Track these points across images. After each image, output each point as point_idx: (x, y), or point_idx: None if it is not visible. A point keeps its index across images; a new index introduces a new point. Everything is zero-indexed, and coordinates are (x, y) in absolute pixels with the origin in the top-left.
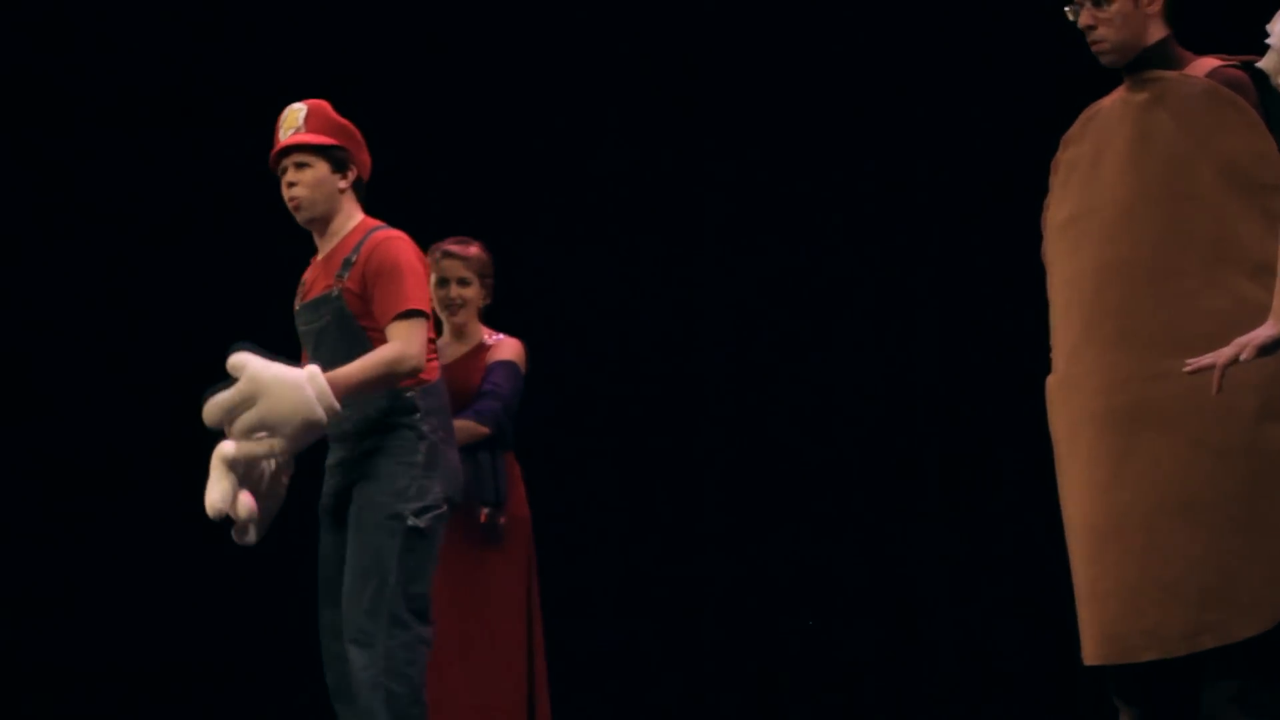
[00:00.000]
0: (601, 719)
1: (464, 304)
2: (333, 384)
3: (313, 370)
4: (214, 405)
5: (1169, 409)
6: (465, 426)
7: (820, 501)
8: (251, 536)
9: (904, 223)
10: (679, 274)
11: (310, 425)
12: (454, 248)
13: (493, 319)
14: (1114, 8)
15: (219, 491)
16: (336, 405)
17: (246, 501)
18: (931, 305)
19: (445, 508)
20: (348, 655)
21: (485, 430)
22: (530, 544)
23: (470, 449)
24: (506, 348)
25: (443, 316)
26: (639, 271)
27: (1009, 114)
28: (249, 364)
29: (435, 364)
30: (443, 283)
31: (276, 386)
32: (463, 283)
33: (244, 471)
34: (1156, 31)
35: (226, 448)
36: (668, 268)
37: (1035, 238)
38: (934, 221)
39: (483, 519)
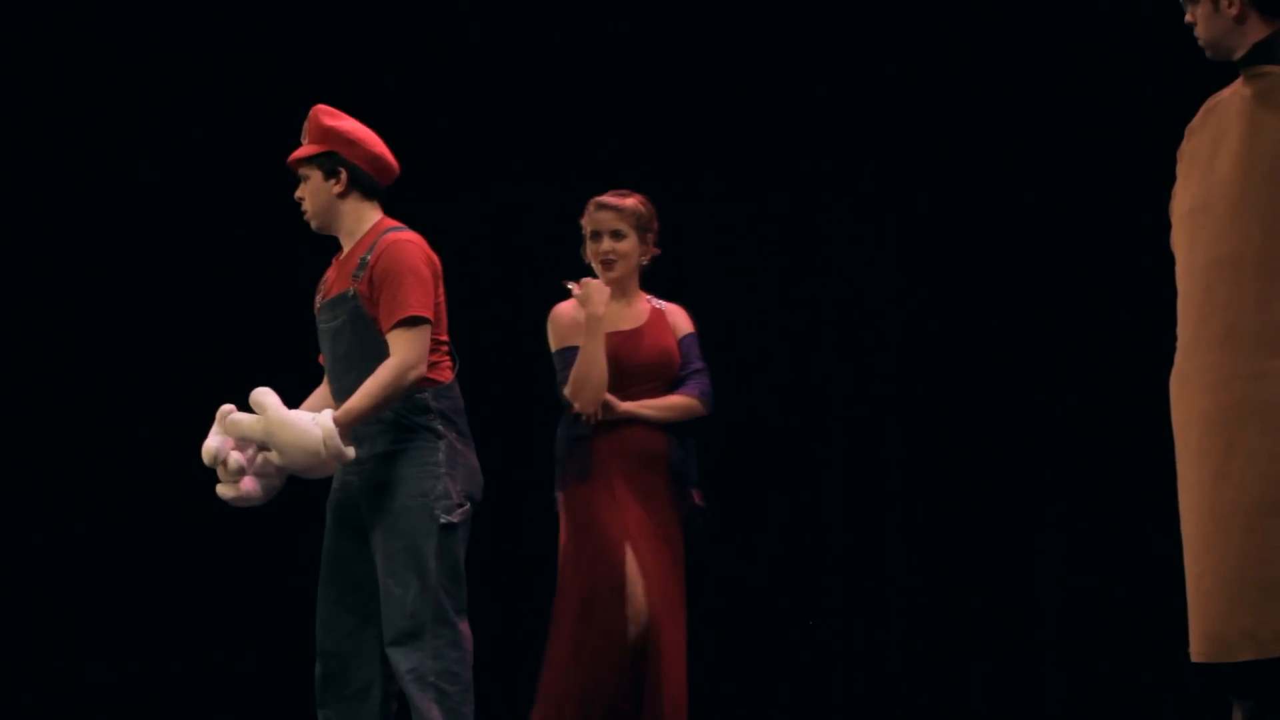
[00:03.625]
0: None
1: (619, 258)
2: (343, 424)
3: (325, 420)
4: (234, 425)
5: (1271, 409)
6: (687, 404)
7: (940, 493)
8: (235, 493)
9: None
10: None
11: (317, 473)
12: (608, 198)
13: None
14: (1198, 9)
15: (216, 440)
16: (347, 454)
17: (237, 457)
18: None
19: (469, 505)
20: (391, 659)
21: (704, 411)
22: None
23: (677, 431)
24: (686, 317)
25: (598, 273)
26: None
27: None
28: (269, 406)
29: (448, 364)
30: (595, 236)
31: (289, 435)
32: (616, 235)
33: (237, 440)
34: (1256, 29)
35: (227, 409)
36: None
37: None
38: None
39: (697, 500)
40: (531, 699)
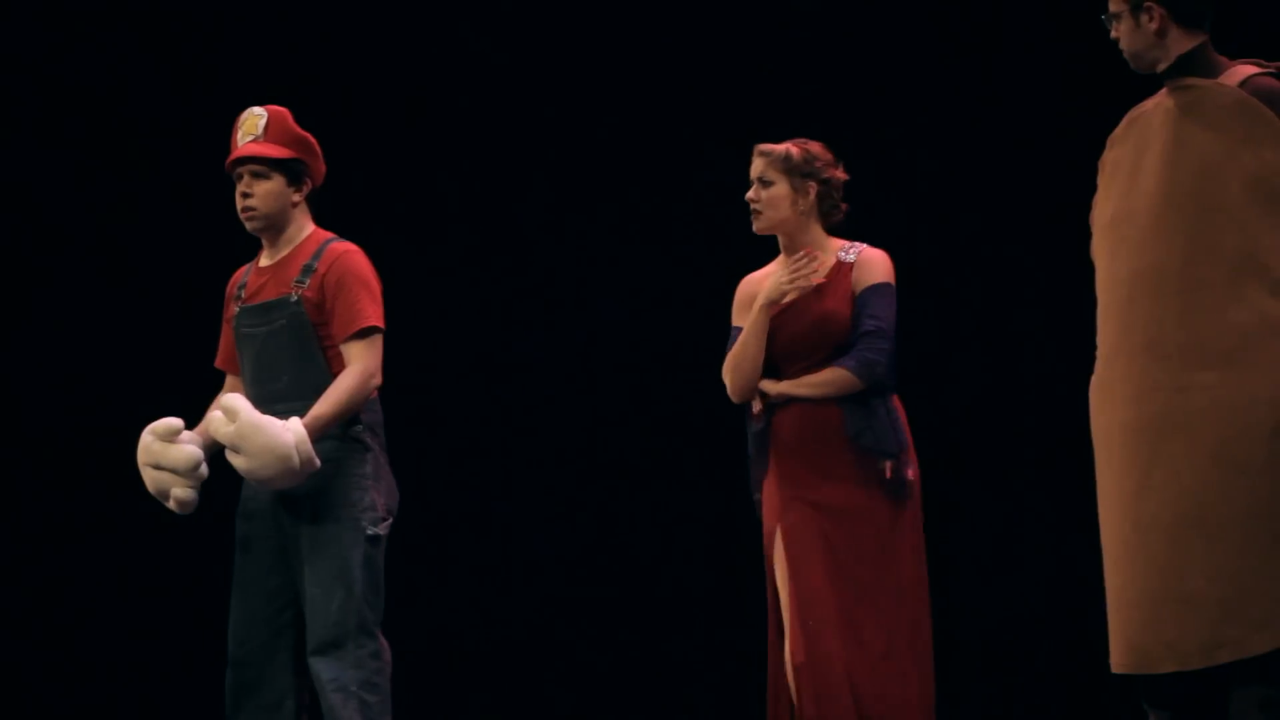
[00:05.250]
0: None
1: (763, 208)
2: (312, 432)
3: (297, 427)
4: (209, 422)
5: (1192, 422)
6: (838, 378)
7: None
8: (192, 497)
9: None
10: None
11: (283, 481)
12: (763, 145)
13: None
14: (1121, 25)
15: (197, 449)
16: (316, 462)
17: (204, 465)
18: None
19: (390, 519)
20: (312, 668)
21: (860, 384)
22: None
23: (859, 397)
24: (875, 265)
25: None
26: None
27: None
28: (241, 410)
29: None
30: (750, 185)
31: (262, 439)
32: (764, 183)
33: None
34: (1179, 43)
35: (177, 424)
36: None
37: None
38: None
39: (888, 474)
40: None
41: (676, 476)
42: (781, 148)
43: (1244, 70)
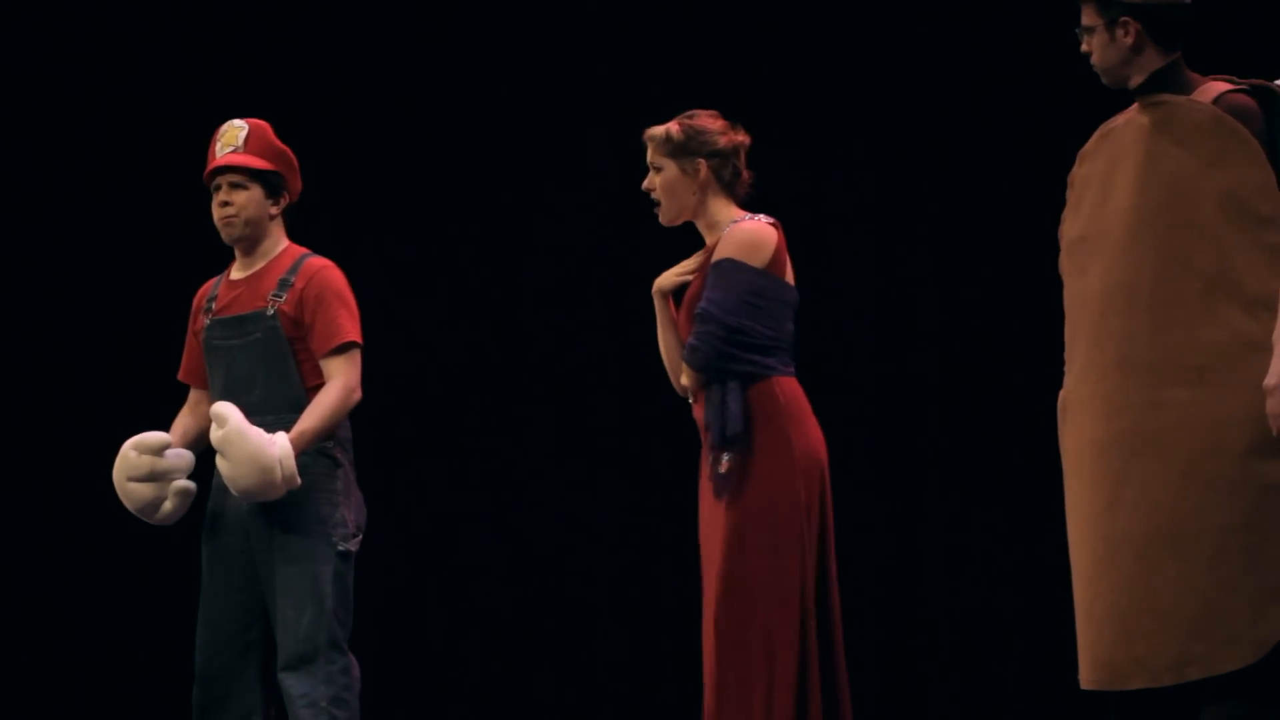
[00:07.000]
0: None
1: (662, 196)
2: (298, 445)
3: (283, 440)
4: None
5: (1164, 438)
6: (684, 367)
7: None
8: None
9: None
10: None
11: (263, 494)
12: (650, 128)
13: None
14: (1094, 39)
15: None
16: (298, 480)
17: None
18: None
19: (360, 536)
20: (282, 684)
21: (695, 372)
22: (798, 491)
23: (707, 384)
24: (726, 241)
25: None
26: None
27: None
28: (230, 419)
29: None
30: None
31: (248, 448)
32: (655, 169)
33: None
34: (1152, 59)
35: (165, 438)
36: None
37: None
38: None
39: (722, 467)
40: None
41: (649, 477)
42: (662, 129)
43: (1217, 87)
